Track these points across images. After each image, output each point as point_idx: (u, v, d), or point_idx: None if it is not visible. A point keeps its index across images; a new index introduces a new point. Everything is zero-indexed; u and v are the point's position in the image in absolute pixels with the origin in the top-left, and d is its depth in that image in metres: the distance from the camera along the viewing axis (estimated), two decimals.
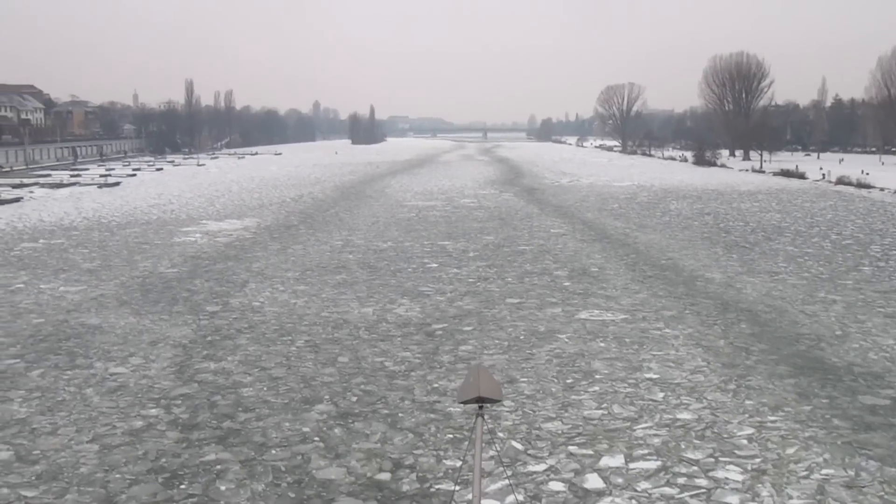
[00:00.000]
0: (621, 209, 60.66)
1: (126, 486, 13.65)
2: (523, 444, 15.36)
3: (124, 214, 56.83)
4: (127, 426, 16.31)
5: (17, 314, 25.98)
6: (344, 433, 15.95)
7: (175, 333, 23.53)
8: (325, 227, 49.08)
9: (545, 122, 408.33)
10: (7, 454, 14.93)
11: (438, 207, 61.81)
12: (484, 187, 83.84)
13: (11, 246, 41.47)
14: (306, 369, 20.12)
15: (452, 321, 25.00)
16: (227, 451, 15.07)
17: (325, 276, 32.47)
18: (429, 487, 13.70)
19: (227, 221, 52.45)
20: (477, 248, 40.48)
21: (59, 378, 19.39)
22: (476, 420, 6.64)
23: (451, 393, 18.05)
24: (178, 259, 36.99)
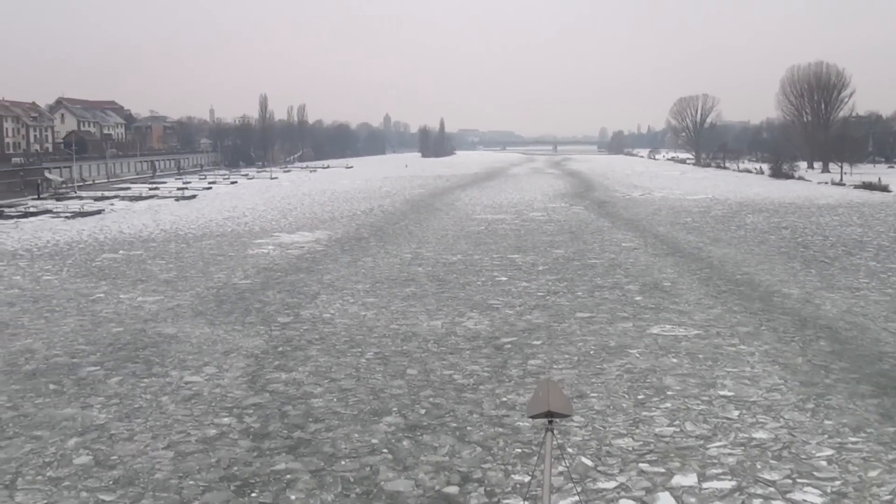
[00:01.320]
0: (695, 223, 59.60)
1: (199, 493, 13.90)
2: (593, 461, 15.15)
3: (200, 227, 58.19)
4: (201, 434, 16.64)
5: (97, 323, 26.79)
6: (412, 445, 15.97)
7: (248, 344, 23.94)
8: (394, 240, 49.42)
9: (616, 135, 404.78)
10: (86, 458, 15.37)
11: (508, 220, 61.68)
12: (554, 200, 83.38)
13: (93, 257, 42.84)
14: (375, 381, 20.23)
15: (521, 335, 24.85)
16: (298, 461, 15.24)
17: (395, 289, 32.66)
18: (497, 502, 13.59)
19: (298, 234, 53.24)
20: (547, 261, 40.22)
21: (136, 385, 19.90)
22: (545, 435, 6.55)
23: (520, 407, 17.93)
24: (251, 270, 37.68)
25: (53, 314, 28.19)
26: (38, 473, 14.68)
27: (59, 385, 19.94)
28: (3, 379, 20.44)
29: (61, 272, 37.66)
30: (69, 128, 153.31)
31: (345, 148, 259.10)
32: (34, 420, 17.50)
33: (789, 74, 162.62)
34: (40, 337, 24.82)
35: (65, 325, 26.37)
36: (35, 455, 15.53)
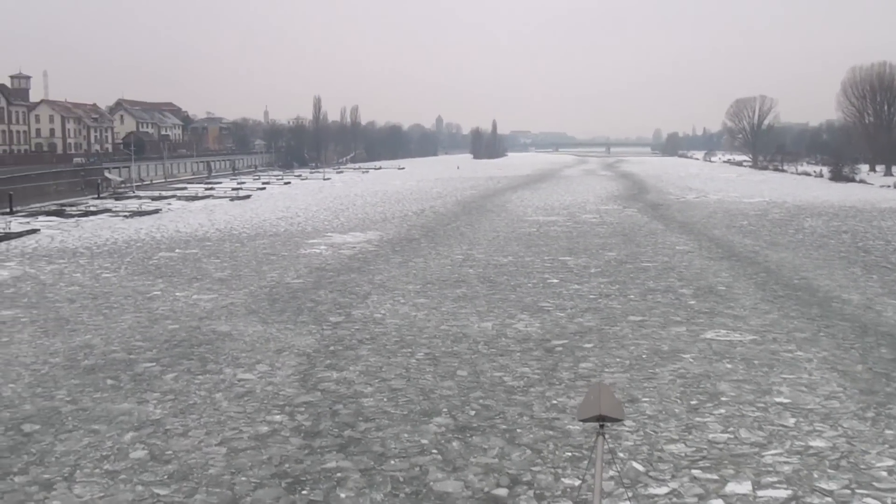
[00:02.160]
0: (751, 226, 58.57)
1: (251, 490, 14.07)
2: (645, 466, 14.97)
3: (254, 226, 58.98)
4: (253, 431, 16.85)
5: (154, 320, 27.32)
6: (462, 447, 15.96)
7: (300, 342, 24.18)
8: (446, 241, 49.49)
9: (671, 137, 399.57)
10: (142, 453, 15.67)
11: (559, 223, 61.36)
12: (606, 202, 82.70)
13: (150, 255, 43.71)
14: (425, 382, 20.27)
15: (573, 338, 24.68)
16: (348, 460, 15.34)
17: (446, 290, 32.70)
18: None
19: (351, 234, 53.65)
20: (599, 264, 39.90)
21: (191, 382, 20.24)
22: (597, 439, 6.50)
23: (571, 410, 17.80)
24: (303, 270, 38.06)
25: (112, 311, 28.81)
26: (96, 466, 15.01)
27: (116, 380, 20.38)
28: (63, 374, 20.96)
29: (119, 270, 38.49)
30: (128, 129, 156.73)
31: (397, 149, 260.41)
32: (92, 414, 17.90)
33: (851, 75, 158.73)
34: (99, 333, 25.39)
35: (122, 322, 26.93)
36: (93, 448, 15.88)
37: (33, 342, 24.24)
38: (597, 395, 6.60)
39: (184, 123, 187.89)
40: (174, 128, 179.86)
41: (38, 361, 22.09)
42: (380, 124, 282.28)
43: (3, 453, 15.66)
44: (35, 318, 27.62)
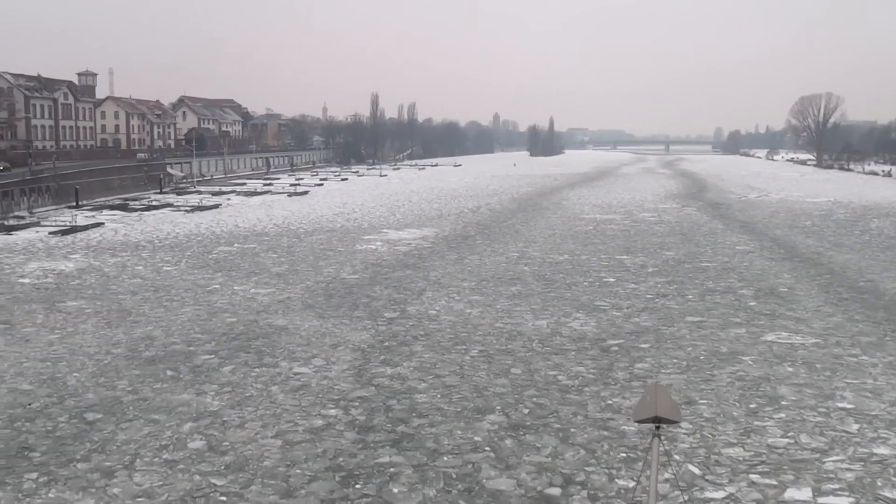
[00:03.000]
0: (815, 226, 57.24)
1: (305, 482, 14.22)
2: (701, 469, 14.73)
3: (311, 222, 59.60)
4: (308, 424, 17.03)
5: (212, 313, 27.78)
6: (515, 445, 15.90)
7: (355, 337, 24.35)
8: (501, 239, 49.37)
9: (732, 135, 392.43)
10: (200, 444, 15.95)
11: (617, 221, 60.75)
12: (665, 201, 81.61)
13: (210, 249, 44.48)
14: (479, 379, 20.25)
15: (629, 337, 24.41)
16: (401, 455, 15.40)
17: (501, 287, 32.61)
18: None
19: (406, 231, 53.86)
20: (656, 263, 39.39)
21: (247, 375, 20.53)
22: (652, 440, 6.41)
23: (626, 411, 17.61)
24: (359, 266, 38.33)
25: (172, 303, 29.39)
26: (155, 455, 15.32)
27: (176, 371, 20.78)
28: (125, 364, 21.45)
29: (180, 263, 39.25)
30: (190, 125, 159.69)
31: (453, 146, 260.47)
32: (152, 404, 18.28)
33: None
34: (160, 325, 25.92)
35: (182, 315, 27.45)
36: (152, 438, 16.22)
37: (97, 333, 24.86)
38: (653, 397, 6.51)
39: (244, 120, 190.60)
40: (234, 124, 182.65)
41: (102, 352, 22.64)
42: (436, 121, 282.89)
43: (67, 441, 16.09)
44: (99, 309, 28.32)
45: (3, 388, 19.33)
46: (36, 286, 32.89)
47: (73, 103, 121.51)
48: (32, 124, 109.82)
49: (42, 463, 15.01)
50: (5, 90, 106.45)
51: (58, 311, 28.02)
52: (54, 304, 29.05)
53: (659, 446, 6.42)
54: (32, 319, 26.70)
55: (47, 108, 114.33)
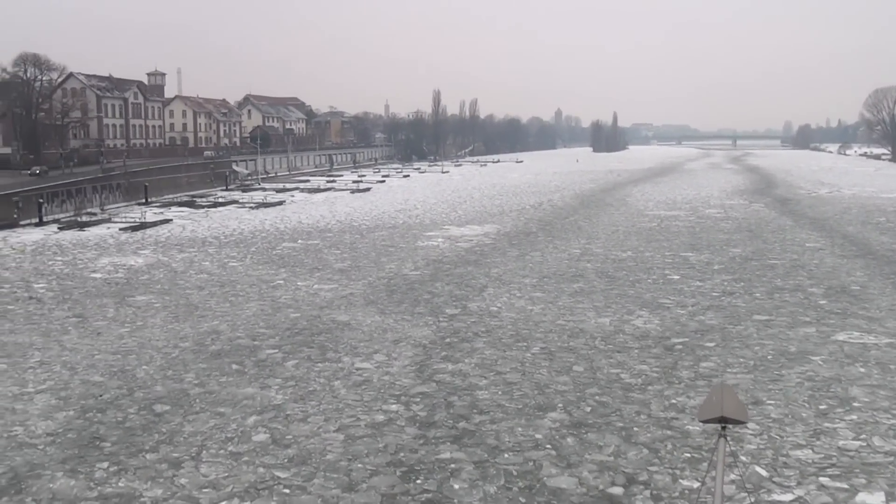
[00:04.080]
0: (889, 223, 55.49)
1: (367, 476, 14.32)
2: (768, 471, 14.40)
3: (373, 218, 60.05)
4: (370, 419, 17.15)
5: (276, 308, 28.19)
6: (577, 443, 15.77)
7: (416, 333, 24.45)
8: (563, 235, 49.04)
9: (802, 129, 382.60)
10: (264, 437, 16.20)
11: (682, 217, 59.81)
12: (731, 197, 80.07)
13: (274, 245, 45.14)
14: (541, 376, 20.14)
15: (694, 336, 24.01)
16: (462, 451, 15.40)
17: (563, 284, 32.39)
18: None
19: (468, 227, 53.88)
20: (722, 260, 38.66)
21: (311, 369, 20.78)
22: (718, 441, 6.29)
23: (690, 410, 17.32)
24: (421, 262, 38.47)
25: (237, 298, 29.91)
26: (221, 448, 15.61)
27: (241, 365, 21.14)
28: (192, 357, 21.91)
29: (245, 259, 39.92)
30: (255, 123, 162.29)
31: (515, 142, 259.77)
32: (218, 397, 18.63)
33: None
34: (225, 319, 26.40)
35: (247, 309, 27.92)
36: (218, 430, 16.52)
37: (165, 327, 25.44)
38: (719, 396, 6.38)
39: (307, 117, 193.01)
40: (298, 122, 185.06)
41: (169, 345, 23.16)
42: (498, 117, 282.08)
43: (137, 432, 16.49)
44: (167, 303, 28.97)
45: (77, 380, 19.92)
46: (107, 281, 33.82)
47: (142, 102, 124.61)
48: (104, 123, 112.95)
49: (112, 453, 15.42)
50: (79, 90, 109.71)
51: (128, 305, 28.76)
52: (124, 299, 29.83)
53: (725, 447, 6.29)
54: (104, 313, 27.46)
55: (118, 108, 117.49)
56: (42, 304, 28.99)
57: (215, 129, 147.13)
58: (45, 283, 33.45)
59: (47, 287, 32.47)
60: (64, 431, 16.53)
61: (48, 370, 20.77)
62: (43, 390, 19.15)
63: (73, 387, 19.40)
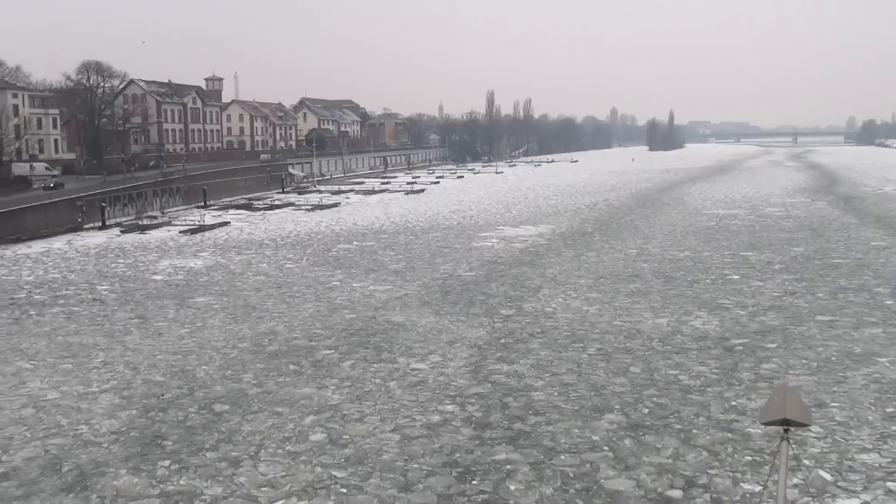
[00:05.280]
0: None
1: (423, 477, 14.35)
2: (833, 475, 14.04)
3: (427, 220, 60.22)
4: (425, 420, 17.18)
5: (332, 309, 28.43)
6: (634, 445, 15.58)
7: (471, 334, 24.43)
8: (619, 235, 48.56)
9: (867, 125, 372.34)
10: (321, 436, 16.34)
11: (741, 216, 58.75)
12: (793, 195, 78.40)
13: (330, 247, 45.55)
14: (597, 377, 19.95)
15: (754, 337, 23.55)
16: (518, 452, 15.33)
17: (619, 285, 32.07)
18: None
19: (522, 227, 53.69)
20: (783, 259, 37.85)
21: (366, 370, 20.90)
22: (780, 444, 6.16)
23: (751, 412, 16.99)
24: (475, 263, 38.44)
25: (294, 300, 30.24)
26: (279, 447, 15.79)
27: (298, 366, 21.37)
28: (250, 358, 22.22)
29: (301, 261, 40.35)
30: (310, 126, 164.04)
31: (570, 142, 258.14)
32: (276, 397, 18.85)
33: None
34: (282, 320, 26.72)
35: (304, 310, 28.21)
36: (276, 430, 16.72)
37: (224, 328, 25.84)
38: (781, 398, 6.23)
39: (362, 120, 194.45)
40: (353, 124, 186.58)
41: (228, 346, 23.52)
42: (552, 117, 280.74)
43: (197, 431, 16.78)
44: (225, 305, 29.44)
45: (139, 379, 20.36)
46: (168, 283, 34.51)
47: (200, 107, 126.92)
48: (164, 128, 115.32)
49: (174, 451, 15.71)
50: (139, 96, 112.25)
51: (188, 306, 29.30)
52: (184, 300, 30.39)
53: (787, 450, 6.14)
54: (164, 314, 28.02)
55: (177, 113, 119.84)
56: (105, 306, 29.70)
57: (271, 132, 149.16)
58: (108, 285, 34.27)
59: (110, 289, 33.25)
60: (127, 430, 16.89)
61: (111, 370, 21.27)
62: (107, 390, 19.61)
63: (136, 386, 19.83)
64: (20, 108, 77.96)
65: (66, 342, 24.37)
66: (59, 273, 37.50)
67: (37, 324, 26.92)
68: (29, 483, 14.38)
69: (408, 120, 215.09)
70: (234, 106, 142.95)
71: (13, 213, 51.52)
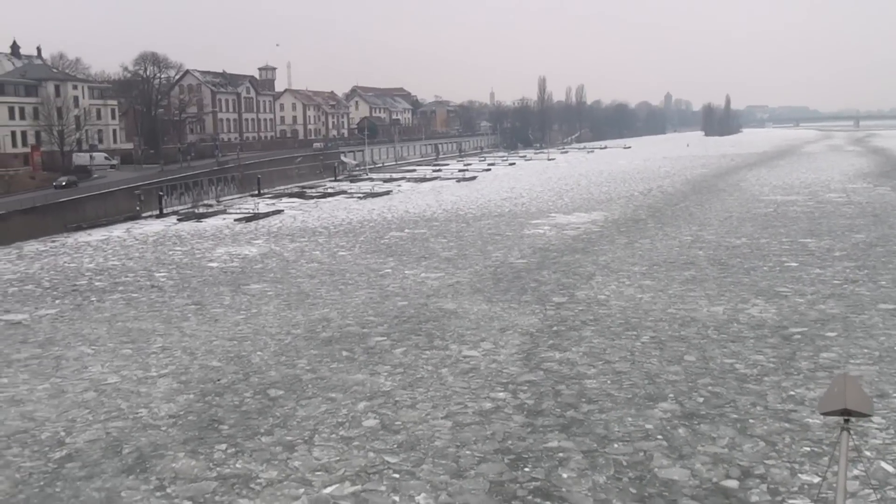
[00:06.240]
0: None
1: (475, 463, 14.37)
2: (894, 467, 13.70)
3: (479, 207, 60.11)
4: (477, 406, 17.19)
5: (385, 296, 28.59)
6: (689, 434, 15.39)
7: (523, 322, 24.35)
8: (673, 222, 47.91)
9: None
10: (374, 422, 16.47)
11: (799, 202, 57.51)
12: (854, 181, 76.46)
13: (382, 234, 45.78)
14: (651, 366, 19.75)
15: (813, 325, 23.06)
16: (570, 440, 15.26)
17: (673, 272, 31.65)
18: (781, 501, 12.74)
19: (575, 215, 53.29)
20: (844, 246, 36.96)
21: (418, 357, 20.99)
22: (841, 434, 6.01)
23: (810, 402, 16.66)
24: (527, 250, 38.29)
25: (347, 287, 30.49)
26: (332, 432, 15.96)
27: (351, 352, 21.54)
28: (304, 344, 22.47)
29: (354, 248, 40.64)
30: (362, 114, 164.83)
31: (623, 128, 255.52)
32: (329, 383, 19.04)
33: None
34: (335, 307, 26.95)
35: (356, 298, 28.42)
36: (329, 415, 16.89)
37: (278, 314, 26.17)
38: (842, 388, 6.08)
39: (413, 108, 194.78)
40: (404, 112, 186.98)
41: (282, 332, 23.82)
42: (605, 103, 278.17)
43: (253, 415, 17.04)
44: (279, 292, 29.80)
45: (196, 365, 20.74)
46: (223, 270, 35.05)
47: (254, 97, 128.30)
48: (219, 118, 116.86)
49: (230, 435, 15.98)
50: (195, 87, 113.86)
51: (243, 293, 29.73)
52: (239, 287, 30.84)
53: (848, 441, 6.00)
54: (220, 301, 28.47)
55: (232, 103, 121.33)
56: (163, 292, 30.30)
57: (324, 120, 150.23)
58: (165, 272, 34.95)
59: (168, 276, 33.91)
60: (185, 414, 17.23)
61: (169, 355, 21.71)
62: (165, 374, 20.02)
63: (193, 371, 20.21)
64: (80, 100, 79.65)
65: (126, 328, 24.93)
66: (119, 260, 38.36)
67: (98, 310, 27.59)
68: (91, 464, 14.77)
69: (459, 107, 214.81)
70: (287, 95, 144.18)
71: (74, 201, 52.86)
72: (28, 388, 19.32)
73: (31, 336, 24.26)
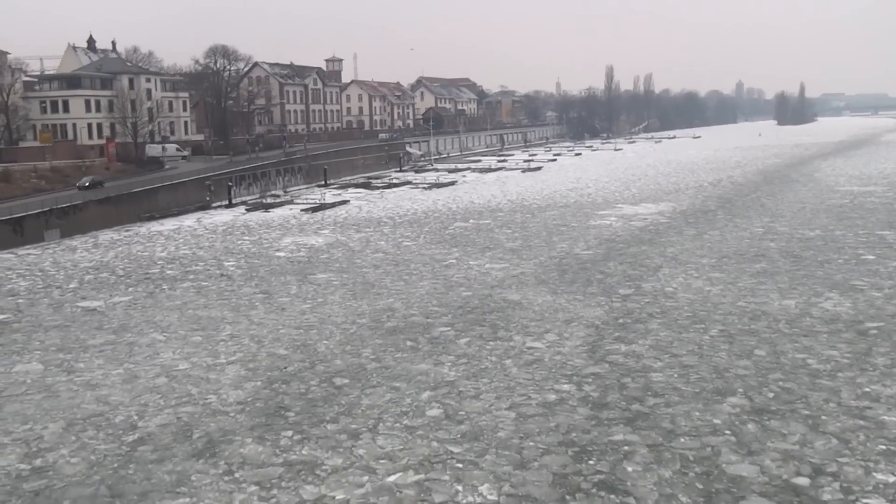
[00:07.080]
0: None
1: (538, 455, 14.30)
2: None
3: (544, 197, 59.72)
4: (541, 398, 17.10)
5: (449, 287, 28.62)
6: (758, 430, 15.05)
7: (588, 314, 24.13)
8: (744, 213, 46.87)
9: None
10: (438, 412, 16.51)
11: (878, 193, 55.67)
12: None
13: (446, 225, 45.84)
14: (719, 359, 19.36)
15: (890, 320, 22.31)
16: (635, 434, 15.07)
17: (743, 264, 30.97)
18: (854, 501, 12.37)
19: (641, 205, 52.54)
20: None
21: (482, 347, 20.97)
22: None
23: (886, 400, 16.14)
24: (593, 241, 37.91)
25: (411, 277, 30.62)
26: (396, 421, 16.06)
27: (415, 342, 21.64)
28: (368, 334, 22.65)
29: (418, 238, 40.78)
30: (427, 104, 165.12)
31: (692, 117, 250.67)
32: (393, 372, 19.16)
33: None
34: (400, 297, 27.10)
35: (421, 288, 28.52)
36: (393, 404, 17.00)
37: (343, 304, 26.43)
38: None
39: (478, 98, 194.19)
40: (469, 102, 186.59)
41: (348, 321, 24.05)
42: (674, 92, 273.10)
43: (318, 403, 17.25)
44: (345, 281, 30.09)
45: (263, 353, 21.09)
46: (290, 259, 35.55)
47: (321, 88, 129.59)
48: (286, 109, 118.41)
49: (296, 422, 16.21)
50: (263, 79, 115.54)
51: (309, 282, 30.11)
52: (306, 277, 31.25)
53: None
54: (287, 290, 28.89)
55: (299, 94, 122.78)
56: (232, 281, 30.88)
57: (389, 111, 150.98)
58: (234, 261, 35.61)
59: (236, 265, 34.55)
60: (252, 401, 17.54)
61: (238, 343, 22.12)
62: (233, 361, 20.41)
63: (261, 359, 20.56)
64: (153, 92, 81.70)
65: (196, 315, 25.49)
66: (190, 249, 39.23)
67: (169, 297, 28.27)
68: (162, 448, 15.15)
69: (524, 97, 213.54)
70: (353, 86, 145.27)
71: (147, 192, 54.26)
72: (103, 372, 19.90)
73: (105, 322, 25.00)
